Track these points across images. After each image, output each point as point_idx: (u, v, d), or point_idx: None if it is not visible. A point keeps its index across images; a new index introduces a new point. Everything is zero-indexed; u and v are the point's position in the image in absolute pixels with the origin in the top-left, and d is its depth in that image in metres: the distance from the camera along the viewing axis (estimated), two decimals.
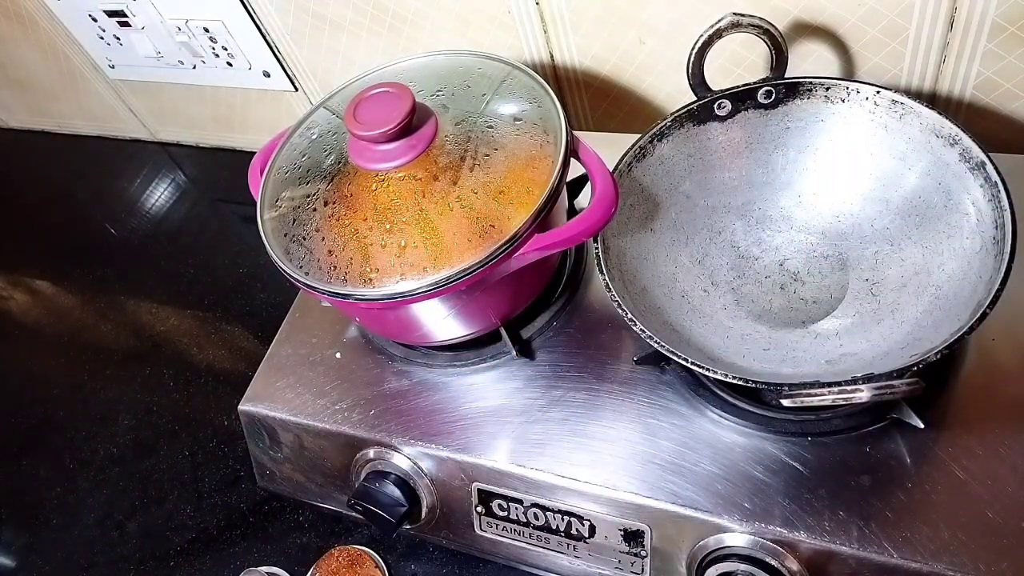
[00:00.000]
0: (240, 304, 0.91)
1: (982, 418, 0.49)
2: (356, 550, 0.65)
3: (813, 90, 0.55)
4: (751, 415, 0.52)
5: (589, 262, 0.63)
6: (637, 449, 0.53)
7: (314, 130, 0.59)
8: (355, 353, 0.64)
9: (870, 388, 0.42)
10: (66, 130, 1.23)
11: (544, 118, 0.54)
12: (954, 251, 0.50)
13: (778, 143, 0.58)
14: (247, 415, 0.64)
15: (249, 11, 0.82)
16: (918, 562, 0.44)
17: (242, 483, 0.75)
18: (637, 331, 0.48)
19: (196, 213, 1.05)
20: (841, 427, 0.50)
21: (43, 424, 0.87)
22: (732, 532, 0.49)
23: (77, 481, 0.81)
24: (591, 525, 0.53)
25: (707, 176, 0.59)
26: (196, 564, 0.71)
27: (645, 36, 0.68)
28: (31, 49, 1.06)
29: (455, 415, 0.58)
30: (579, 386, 0.57)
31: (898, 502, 0.47)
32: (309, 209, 0.54)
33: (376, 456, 0.59)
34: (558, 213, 0.54)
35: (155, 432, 0.82)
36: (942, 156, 0.51)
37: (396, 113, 0.51)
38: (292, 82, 0.90)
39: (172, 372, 0.87)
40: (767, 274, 0.58)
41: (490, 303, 0.56)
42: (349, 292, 0.50)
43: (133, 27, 0.91)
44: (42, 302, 1.02)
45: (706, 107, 0.57)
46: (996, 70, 0.60)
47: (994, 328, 0.50)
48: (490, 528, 0.58)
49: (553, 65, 0.75)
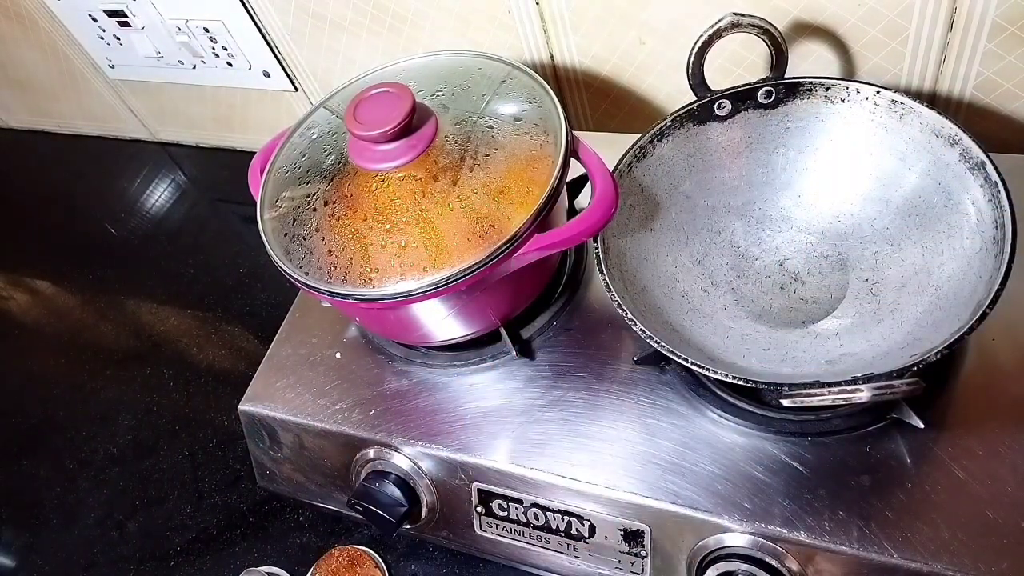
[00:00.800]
0: (240, 304, 0.91)
1: (982, 418, 0.49)
2: (356, 550, 0.65)
3: (813, 90, 0.55)
4: (751, 415, 0.52)
5: (589, 262, 0.63)
6: (637, 449, 0.53)
7: (314, 130, 0.59)
8: (355, 353, 0.64)
9: (870, 388, 0.42)
10: (66, 130, 1.23)
11: (544, 118, 0.54)
12: (954, 251, 0.50)
13: (778, 143, 0.58)
14: (247, 415, 0.64)
15: (249, 11, 0.82)
16: (918, 562, 0.44)
17: (242, 483, 0.75)
18: (637, 331, 0.48)
19: (196, 213, 1.05)
20: (841, 427, 0.50)
21: (43, 424, 0.87)
22: (732, 532, 0.49)
23: (77, 481, 0.81)
24: (591, 525, 0.53)
25: (707, 176, 0.59)
26: (196, 564, 0.71)
27: (645, 36, 0.68)
28: (31, 49, 1.06)
29: (455, 415, 0.58)
30: (579, 386, 0.57)
31: (898, 502, 0.47)
32: (309, 209, 0.54)
33: (376, 456, 0.59)
34: (558, 213, 0.54)
35: (155, 432, 0.82)
36: (942, 156, 0.51)
37: (396, 113, 0.51)
38: (292, 82, 0.90)
39: (172, 372, 0.87)
40: (767, 274, 0.58)
41: (490, 303, 0.56)
42: (349, 292, 0.50)
43: (133, 27, 0.91)
44: (42, 302, 1.02)
45: (706, 107, 0.57)
46: (996, 70, 0.60)
47: (994, 328, 0.50)
48: (490, 528, 0.58)
49: (553, 65, 0.75)
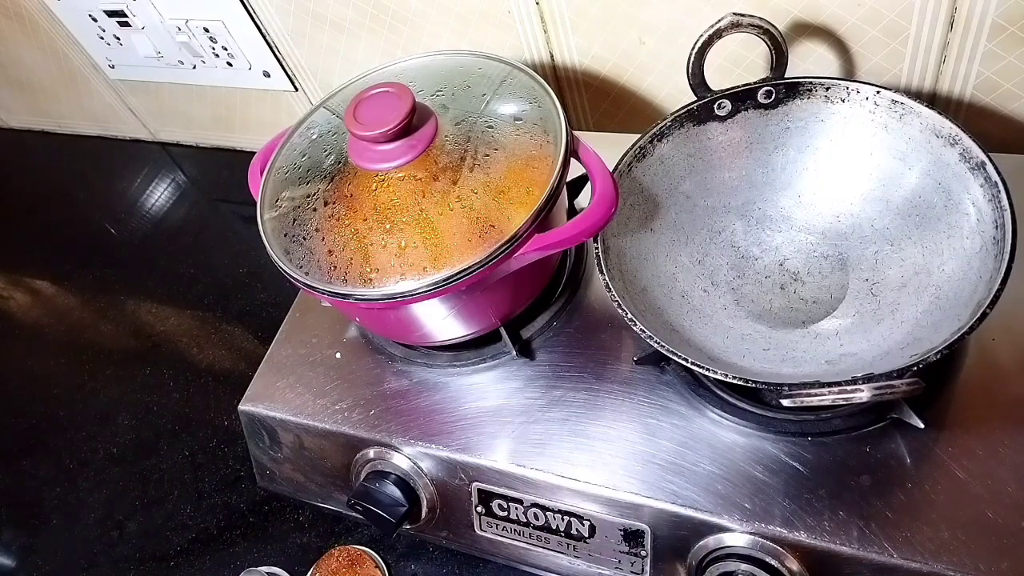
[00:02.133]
0: (240, 304, 0.91)
1: (982, 418, 0.49)
2: (356, 550, 0.65)
3: (813, 90, 0.55)
4: (751, 415, 0.52)
5: (589, 262, 0.63)
6: (637, 449, 0.53)
7: (314, 130, 0.59)
8: (355, 353, 0.64)
9: (870, 388, 0.42)
10: (66, 130, 1.23)
11: (544, 118, 0.54)
12: (954, 251, 0.50)
13: (778, 143, 0.58)
14: (247, 415, 0.64)
15: (249, 11, 0.82)
16: (918, 562, 0.44)
17: (242, 483, 0.75)
18: (637, 331, 0.48)
19: (196, 213, 1.05)
20: (841, 427, 0.50)
21: (43, 424, 0.87)
22: (732, 532, 0.49)
23: (77, 481, 0.81)
24: (591, 525, 0.53)
25: (707, 176, 0.59)
26: (196, 564, 0.71)
27: (645, 36, 0.68)
28: (31, 49, 1.06)
29: (455, 415, 0.58)
30: (579, 386, 0.57)
31: (898, 502, 0.47)
32: (309, 209, 0.54)
33: (376, 456, 0.59)
34: (558, 213, 0.54)
35: (155, 432, 0.82)
36: (942, 156, 0.51)
37: (396, 113, 0.51)
38: (292, 82, 0.90)
39: (172, 372, 0.87)
40: (767, 274, 0.58)
41: (490, 303, 0.56)
42: (349, 292, 0.50)
43: (133, 27, 0.91)
44: (42, 302, 1.02)
45: (706, 107, 0.57)
46: (996, 70, 0.60)
47: (994, 328, 0.50)
48: (490, 528, 0.58)
49: (553, 65, 0.75)
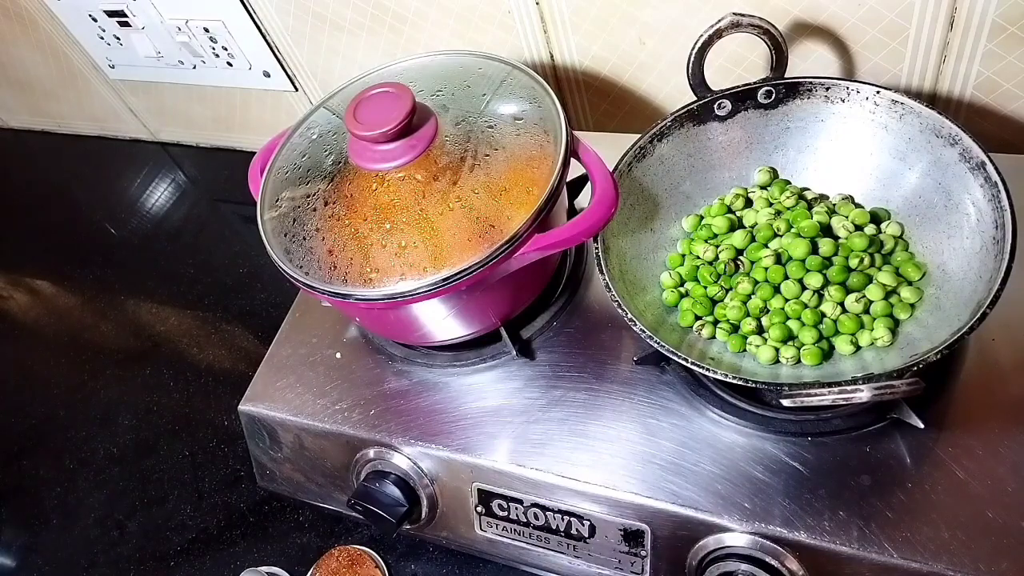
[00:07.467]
0: (240, 304, 0.91)
1: (982, 418, 0.49)
2: (356, 550, 0.65)
3: (813, 90, 0.55)
4: (751, 415, 0.52)
5: (589, 262, 0.63)
6: (637, 449, 0.53)
7: (314, 130, 0.59)
8: (355, 353, 0.64)
9: (870, 388, 0.42)
10: (66, 130, 1.23)
11: (544, 118, 0.54)
12: (954, 251, 0.50)
13: (778, 143, 0.58)
14: (247, 415, 0.64)
15: (249, 11, 0.82)
16: (918, 562, 0.44)
17: (242, 483, 0.75)
18: (637, 331, 0.48)
19: (196, 213, 1.05)
20: (841, 427, 0.50)
21: (43, 424, 0.87)
22: (732, 532, 0.49)
23: (77, 481, 0.81)
24: (591, 525, 0.53)
25: (707, 176, 0.59)
26: (196, 564, 0.71)
27: (645, 36, 0.68)
28: (31, 49, 1.06)
29: (455, 415, 0.58)
30: (579, 386, 0.57)
31: (898, 502, 0.47)
32: (309, 209, 0.54)
33: (376, 456, 0.59)
34: (558, 213, 0.54)
35: (155, 432, 0.82)
36: (942, 156, 0.51)
37: (396, 113, 0.51)
38: (292, 82, 0.90)
39: (172, 372, 0.87)
40: None
41: (490, 303, 0.56)
42: (349, 292, 0.50)
43: (133, 27, 0.91)
44: (42, 302, 1.02)
45: (706, 107, 0.57)
46: (996, 70, 0.60)
47: (994, 328, 0.50)
48: (490, 528, 0.58)
49: (553, 65, 0.75)
